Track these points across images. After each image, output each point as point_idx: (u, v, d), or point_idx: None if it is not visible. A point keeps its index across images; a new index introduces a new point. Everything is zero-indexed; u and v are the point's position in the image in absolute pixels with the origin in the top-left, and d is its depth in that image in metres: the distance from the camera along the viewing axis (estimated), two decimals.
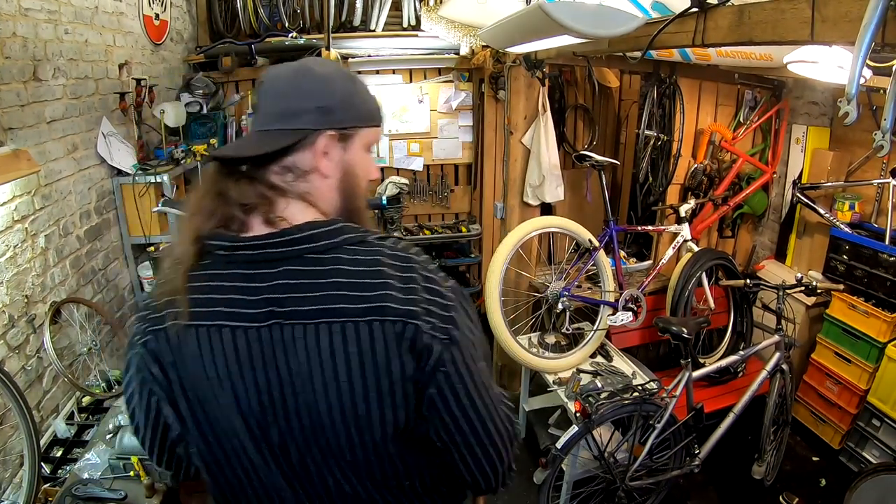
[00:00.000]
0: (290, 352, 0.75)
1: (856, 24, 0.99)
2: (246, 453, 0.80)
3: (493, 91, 3.80)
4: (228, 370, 0.76)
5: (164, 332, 0.77)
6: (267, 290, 0.75)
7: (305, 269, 0.76)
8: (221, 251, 0.78)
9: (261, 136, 0.80)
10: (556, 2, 1.52)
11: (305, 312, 0.74)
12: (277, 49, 3.64)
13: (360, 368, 0.75)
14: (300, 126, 0.79)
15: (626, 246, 3.56)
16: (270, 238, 0.77)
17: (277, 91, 0.81)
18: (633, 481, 2.26)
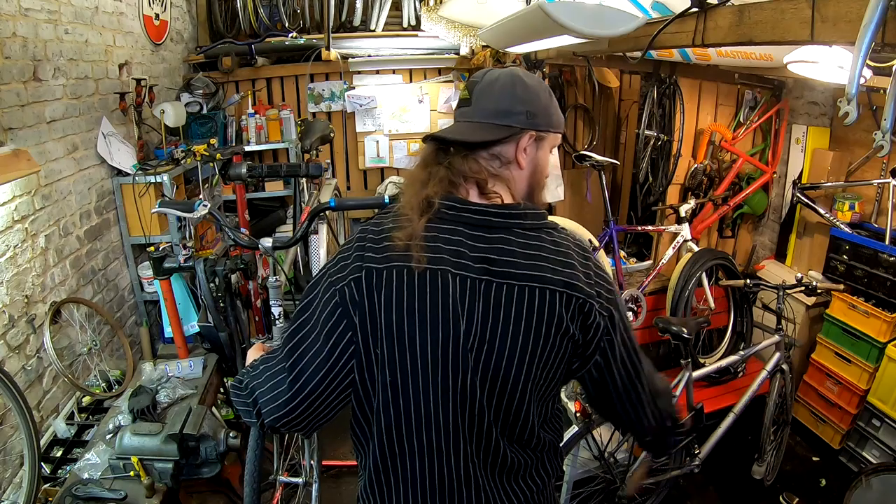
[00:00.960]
0: (496, 304, 0.89)
1: (856, 24, 0.99)
2: (431, 384, 0.91)
3: None
4: (445, 309, 0.89)
5: (388, 270, 0.90)
6: (485, 251, 0.90)
7: (516, 239, 0.92)
8: (450, 211, 0.93)
9: (476, 127, 0.96)
10: (556, 2, 1.52)
11: (515, 275, 0.89)
12: (277, 49, 3.64)
13: (548, 328, 0.91)
14: (512, 124, 0.94)
15: (626, 246, 3.56)
16: (491, 208, 0.93)
17: (495, 92, 0.96)
18: None
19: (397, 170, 4.04)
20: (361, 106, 3.83)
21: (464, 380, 0.91)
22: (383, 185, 3.90)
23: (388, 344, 0.90)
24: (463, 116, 0.98)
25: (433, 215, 0.92)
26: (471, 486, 0.95)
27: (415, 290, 0.89)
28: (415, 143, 3.96)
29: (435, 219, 0.93)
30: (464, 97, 0.98)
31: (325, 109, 3.84)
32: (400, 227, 0.92)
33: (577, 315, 0.92)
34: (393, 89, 3.87)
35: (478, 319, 0.90)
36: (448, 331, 0.90)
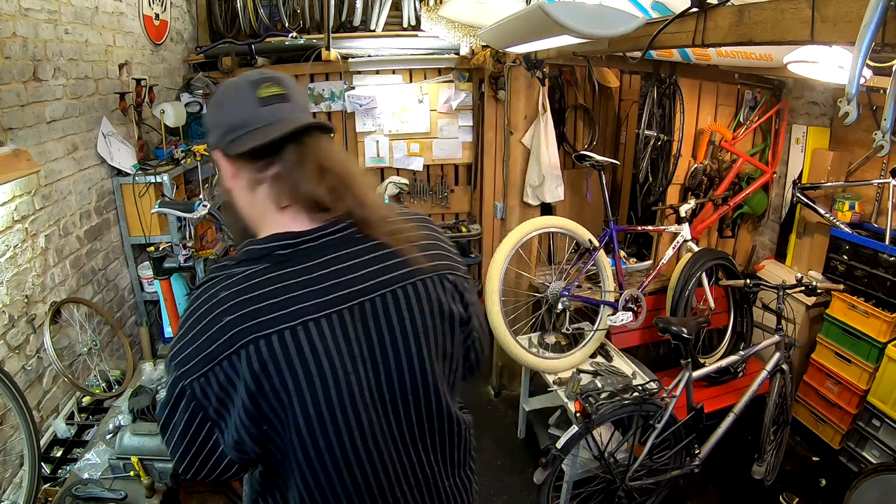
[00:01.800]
0: (385, 317, 0.89)
1: (856, 24, 0.99)
2: (360, 426, 0.86)
3: (493, 91, 3.80)
4: (339, 352, 0.85)
5: (270, 337, 0.80)
6: (344, 272, 0.89)
7: (362, 245, 0.92)
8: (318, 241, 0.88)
9: (308, 118, 0.90)
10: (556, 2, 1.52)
11: (386, 281, 0.90)
12: (277, 49, 3.64)
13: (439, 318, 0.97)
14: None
15: (626, 246, 3.56)
16: (338, 224, 0.90)
17: (296, 87, 0.92)
18: (633, 481, 2.26)
19: (397, 170, 4.04)
20: (361, 106, 3.82)
21: (391, 408, 0.89)
22: (383, 186, 3.90)
23: (290, 408, 0.83)
24: (283, 112, 0.86)
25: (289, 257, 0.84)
26: (424, 490, 0.96)
27: (303, 347, 0.81)
28: (415, 143, 3.96)
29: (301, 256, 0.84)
30: (276, 92, 0.87)
31: (325, 109, 3.84)
32: (263, 280, 0.82)
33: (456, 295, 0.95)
34: (393, 89, 3.87)
35: (381, 343, 0.87)
36: (359, 367, 0.85)
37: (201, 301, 0.83)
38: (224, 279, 0.84)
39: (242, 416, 0.81)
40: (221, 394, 0.82)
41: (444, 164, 4.09)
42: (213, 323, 0.80)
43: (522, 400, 3.04)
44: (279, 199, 0.87)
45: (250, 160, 0.86)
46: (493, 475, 2.84)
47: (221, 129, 0.88)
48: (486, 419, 3.29)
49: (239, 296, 0.81)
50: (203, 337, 0.81)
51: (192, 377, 0.81)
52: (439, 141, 3.99)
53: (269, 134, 0.83)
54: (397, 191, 3.82)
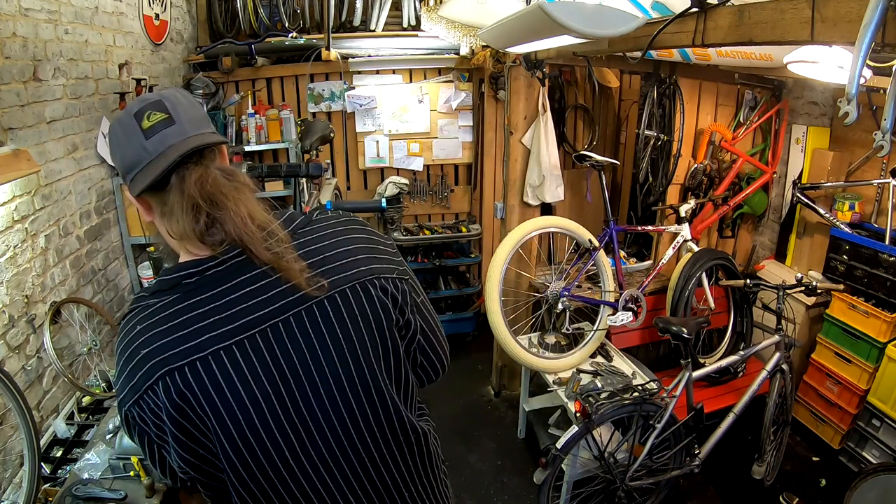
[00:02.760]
0: (309, 332, 0.88)
1: (856, 24, 0.99)
2: (285, 450, 0.86)
3: (493, 91, 3.80)
4: (268, 373, 0.86)
5: (199, 362, 0.81)
6: (255, 294, 0.88)
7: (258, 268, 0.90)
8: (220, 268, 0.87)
9: (199, 137, 0.87)
10: (556, 2, 1.52)
11: (302, 298, 0.89)
12: (277, 49, 3.64)
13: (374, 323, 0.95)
14: (214, 131, 0.92)
15: (626, 246, 3.56)
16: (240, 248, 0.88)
17: (184, 102, 0.88)
18: (633, 481, 2.26)
19: (397, 170, 4.04)
20: (361, 106, 3.83)
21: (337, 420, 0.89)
22: (383, 186, 3.90)
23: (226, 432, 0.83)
24: (170, 138, 0.82)
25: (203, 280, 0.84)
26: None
27: (216, 375, 0.81)
28: (415, 143, 3.96)
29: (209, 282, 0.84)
30: (160, 118, 0.82)
31: (325, 109, 3.84)
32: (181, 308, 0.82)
33: (387, 296, 0.92)
34: (393, 89, 3.87)
35: (299, 363, 0.86)
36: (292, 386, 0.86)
37: (123, 334, 0.85)
38: (140, 311, 0.84)
39: (174, 443, 0.83)
40: (156, 420, 0.83)
41: (444, 164, 4.09)
42: (133, 355, 0.81)
43: (522, 400, 3.04)
44: (172, 234, 0.86)
45: (152, 195, 0.85)
46: (493, 475, 2.84)
47: (122, 171, 0.86)
48: (486, 419, 3.29)
49: (152, 329, 0.81)
50: (128, 368, 0.82)
51: (128, 404, 0.83)
52: (439, 141, 4.00)
53: (154, 170, 0.81)
54: (397, 191, 3.82)
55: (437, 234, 3.94)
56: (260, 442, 0.84)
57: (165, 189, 0.83)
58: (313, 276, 0.85)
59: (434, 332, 1.05)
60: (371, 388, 0.91)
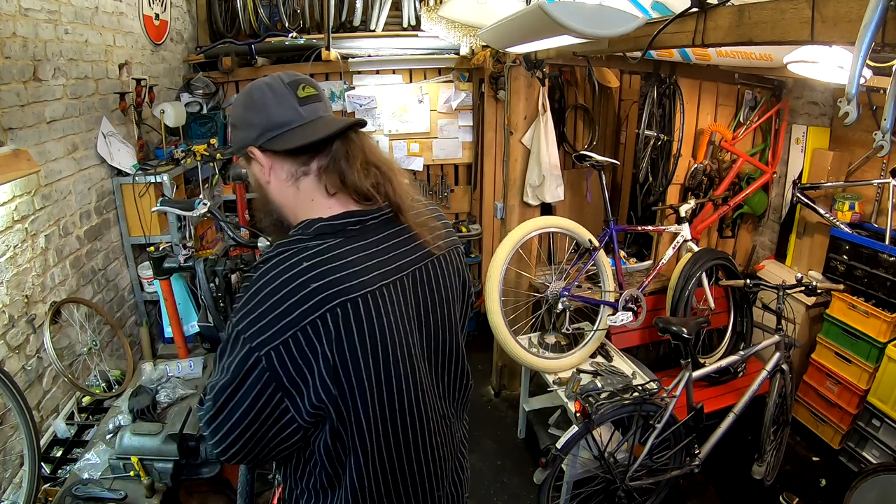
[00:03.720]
0: (432, 285, 1.04)
1: (856, 24, 0.99)
2: (419, 388, 0.97)
3: (493, 91, 3.80)
4: (408, 314, 0.98)
5: (352, 302, 0.88)
6: (395, 246, 1.02)
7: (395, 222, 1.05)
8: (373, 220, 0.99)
9: (338, 117, 1.05)
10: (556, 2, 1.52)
11: (423, 254, 1.04)
12: (277, 49, 3.64)
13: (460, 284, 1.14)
14: None
15: (626, 246, 3.56)
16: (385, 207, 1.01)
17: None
18: (633, 481, 2.26)
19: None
20: (361, 106, 3.82)
21: (443, 364, 1.05)
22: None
23: (362, 374, 0.89)
24: (320, 111, 0.97)
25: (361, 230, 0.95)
26: (452, 445, 1.09)
27: (380, 308, 0.91)
28: (415, 143, 3.96)
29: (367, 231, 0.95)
30: (312, 93, 0.96)
31: None
32: (339, 252, 0.90)
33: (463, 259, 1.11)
34: (393, 89, 3.87)
35: (429, 307, 1.00)
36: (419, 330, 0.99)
37: (280, 271, 0.86)
38: (302, 251, 0.88)
39: (324, 378, 0.86)
40: (300, 360, 0.85)
41: (444, 164, 4.09)
42: (297, 290, 0.84)
43: (522, 400, 3.04)
44: (328, 188, 0.95)
45: (293, 155, 0.94)
46: (493, 475, 2.84)
47: (258, 128, 0.94)
48: (486, 419, 3.29)
49: (323, 264, 0.87)
50: (285, 304, 0.84)
51: (271, 345, 0.84)
52: (439, 141, 3.99)
53: (316, 131, 0.92)
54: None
55: None
56: (398, 371, 0.93)
57: (319, 152, 0.94)
58: (436, 237, 1.02)
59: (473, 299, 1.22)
60: (458, 332, 1.09)
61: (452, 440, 1.09)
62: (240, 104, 0.98)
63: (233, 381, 0.86)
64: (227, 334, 0.89)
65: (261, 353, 0.84)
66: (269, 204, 1.00)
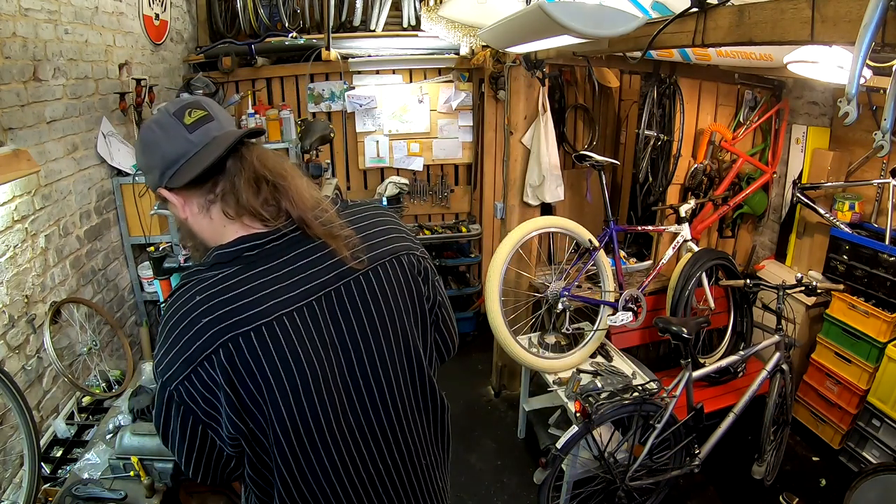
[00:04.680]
0: (358, 303, 0.96)
1: (856, 24, 0.99)
2: (340, 416, 0.91)
3: (493, 91, 3.80)
4: (322, 340, 0.91)
5: (255, 330, 0.84)
6: (307, 267, 0.94)
7: (310, 244, 0.96)
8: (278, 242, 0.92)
9: (235, 132, 0.93)
10: (556, 2, 1.52)
11: (353, 268, 0.97)
12: (277, 49, 3.64)
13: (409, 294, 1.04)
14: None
15: (626, 246, 3.56)
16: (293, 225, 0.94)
17: (215, 105, 0.96)
18: (633, 481, 2.26)
19: (397, 170, 4.04)
20: (361, 106, 3.83)
21: (377, 388, 0.95)
22: (383, 186, 3.90)
23: (275, 401, 0.86)
24: (213, 131, 0.90)
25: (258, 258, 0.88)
26: (407, 473, 1.01)
27: (279, 339, 0.86)
28: (415, 143, 3.96)
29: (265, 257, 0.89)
30: (201, 115, 0.90)
31: (325, 109, 3.84)
32: (237, 281, 0.86)
33: (419, 271, 1.01)
34: (393, 89, 3.87)
35: (351, 329, 0.92)
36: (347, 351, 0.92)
37: (177, 307, 0.85)
38: (196, 283, 0.86)
39: (229, 412, 0.84)
40: (207, 394, 0.84)
41: (444, 164, 4.09)
42: (190, 326, 0.83)
43: (522, 400, 3.04)
44: (226, 212, 0.90)
45: (198, 186, 0.90)
46: (493, 475, 2.84)
47: (158, 169, 0.90)
48: (486, 419, 3.29)
49: (215, 297, 0.84)
50: (182, 341, 0.83)
51: (177, 381, 0.84)
52: (439, 141, 4.00)
53: (209, 156, 0.87)
54: (397, 191, 3.82)
55: (437, 234, 3.94)
56: (311, 403, 0.87)
57: (219, 175, 0.89)
58: (356, 250, 0.92)
59: (448, 310, 1.13)
60: (411, 353, 0.99)
61: (407, 466, 1.00)
62: (138, 150, 0.95)
63: (160, 414, 0.89)
64: None
65: (171, 389, 0.85)
66: (194, 237, 0.95)
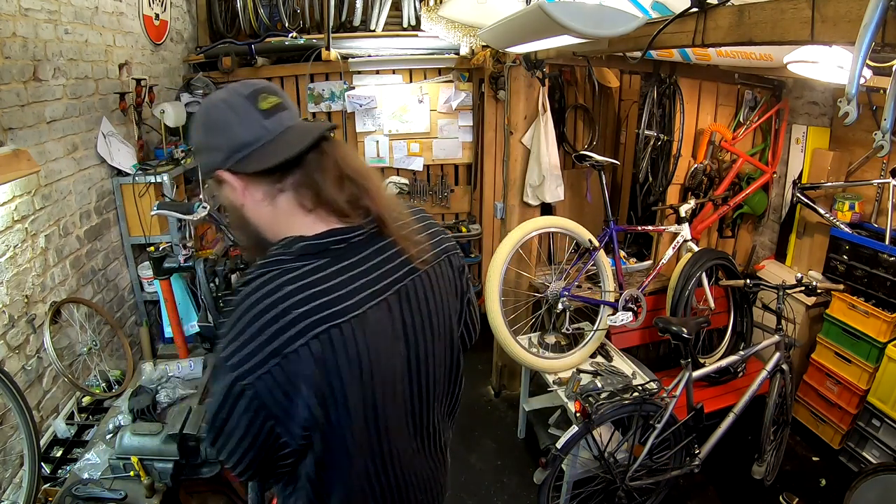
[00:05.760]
0: (422, 299, 1.01)
1: (856, 24, 0.99)
2: (404, 402, 0.98)
3: (493, 91, 3.80)
4: (395, 333, 0.96)
5: (343, 326, 0.86)
6: (384, 262, 0.98)
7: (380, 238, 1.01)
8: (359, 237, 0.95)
9: (314, 123, 0.96)
10: (556, 2, 1.52)
11: (414, 266, 1.02)
12: (277, 49, 3.64)
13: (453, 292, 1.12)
14: None
15: (626, 246, 3.56)
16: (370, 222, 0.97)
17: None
18: (633, 481, 2.26)
19: (397, 170, 4.04)
20: (361, 106, 3.82)
21: (429, 383, 1.02)
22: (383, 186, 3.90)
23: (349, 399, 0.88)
24: (286, 120, 0.90)
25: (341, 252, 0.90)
26: (435, 457, 1.08)
27: (366, 331, 0.88)
28: (415, 143, 3.96)
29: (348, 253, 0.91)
30: (276, 102, 0.89)
31: (325, 109, 3.84)
32: (323, 276, 0.86)
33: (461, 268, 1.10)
34: (393, 89, 3.87)
35: (416, 324, 0.97)
36: (408, 348, 0.97)
37: (261, 296, 0.83)
38: (283, 273, 0.85)
39: (310, 404, 0.84)
40: (286, 387, 0.82)
41: (444, 164, 4.09)
42: (279, 317, 0.81)
43: (522, 400, 3.04)
44: (304, 204, 0.90)
45: (267, 174, 0.88)
46: (493, 475, 2.84)
47: (223, 151, 0.88)
48: (486, 419, 3.29)
49: (308, 288, 0.84)
50: (268, 332, 0.81)
51: (256, 374, 0.81)
52: (439, 141, 3.99)
53: (287, 146, 0.86)
54: (397, 191, 3.82)
55: None
56: (387, 393, 0.93)
57: (294, 166, 0.89)
58: (420, 250, 0.98)
59: (474, 304, 1.19)
60: (453, 345, 1.07)
61: (436, 451, 1.09)
62: (199, 127, 0.92)
63: (223, 408, 0.85)
64: (215, 360, 0.87)
65: (245, 383, 0.81)
66: (246, 225, 0.94)
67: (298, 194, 0.90)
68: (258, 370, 0.81)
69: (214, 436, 0.89)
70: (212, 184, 0.97)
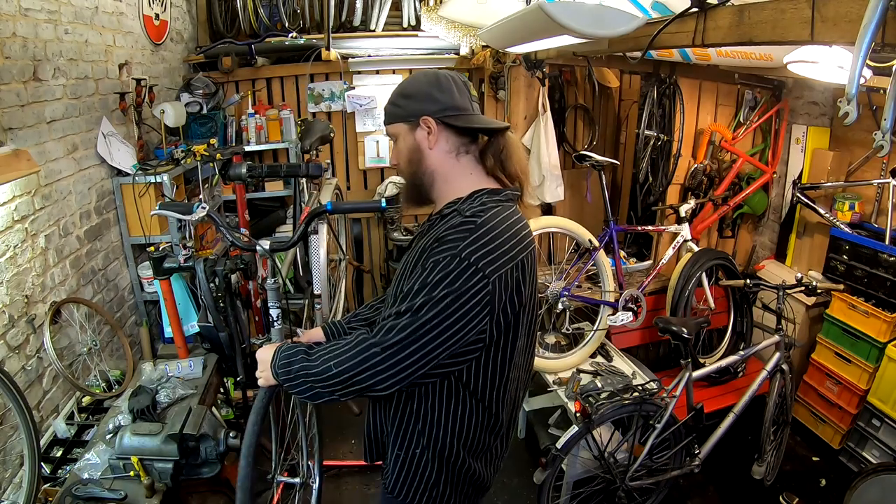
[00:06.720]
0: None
1: (856, 24, 0.99)
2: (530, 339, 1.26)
3: (493, 91, 3.80)
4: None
5: (525, 259, 1.13)
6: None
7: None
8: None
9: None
10: (556, 2, 1.52)
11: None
12: (277, 49, 3.64)
13: None
14: None
15: (626, 246, 3.56)
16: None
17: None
18: (633, 481, 2.26)
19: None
20: (361, 106, 3.82)
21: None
22: (383, 186, 3.90)
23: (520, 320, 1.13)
24: (478, 109, 1.20)
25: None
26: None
27: (531, 267, 1.16)
28: None
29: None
30: (475, 96, 1.19)
31: (325, 109, 3.84)
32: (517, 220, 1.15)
33: None
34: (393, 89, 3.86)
35: (534, 285, 1.21)
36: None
37: (504, 217, 1.12)
38: (503, 210, 1.13)
39: (507, 306, 1.08)
40: (510, 286, 1.07)
41: None
42: (517, 233, 1.12)
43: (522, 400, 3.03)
44: (486, 165, 1.18)
45: (463, 134, 1.16)
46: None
47: (441, 104, 1.14)
48: None
49: (522, 218, 1.20)
50: (510, 242, 1.08)
51: (498, 273, 1.04)
52: None
53: (489, 123, 1.18)
54: (397, 191, 3.81)
55: None
56: (530, 317, 1.19)
57: (479, 139, 1.19)
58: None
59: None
60: (537, 298, 1.31)
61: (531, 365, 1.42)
62: (424, 82, 1.16)
63: (457, 299, 1.01)
64: (448, 264, 1.02)
65: (490, 279, 1.03)
66: (419, 169, 1.17)
67: (482, 157, 1.18)
68: (501, 269, 1.05)
69: (413, 326, 1.03)
70: (394, 126, 1.20)
